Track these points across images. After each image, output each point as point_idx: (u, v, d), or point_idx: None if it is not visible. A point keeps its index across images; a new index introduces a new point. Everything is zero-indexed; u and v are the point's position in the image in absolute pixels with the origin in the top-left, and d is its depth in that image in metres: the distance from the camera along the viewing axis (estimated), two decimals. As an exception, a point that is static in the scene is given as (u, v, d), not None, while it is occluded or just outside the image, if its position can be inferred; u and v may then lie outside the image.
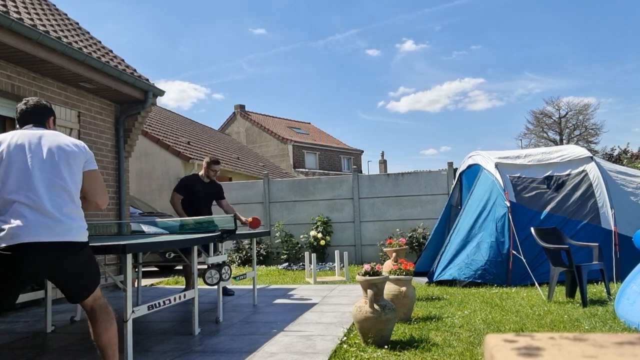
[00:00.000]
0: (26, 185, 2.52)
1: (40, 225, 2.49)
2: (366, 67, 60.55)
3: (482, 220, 6.67)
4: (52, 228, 2.52)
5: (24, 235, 2.44)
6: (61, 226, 2.55)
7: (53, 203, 2.56)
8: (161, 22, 76.13)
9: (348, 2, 62.19)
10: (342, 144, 33.68)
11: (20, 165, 2.55)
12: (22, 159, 2.57)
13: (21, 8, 5.86)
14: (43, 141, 2.67)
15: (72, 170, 2.68)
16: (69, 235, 2.59)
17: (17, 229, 2.44)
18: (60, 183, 2.61)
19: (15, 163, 2.55)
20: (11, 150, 2.57)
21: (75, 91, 6.80)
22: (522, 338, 0.50)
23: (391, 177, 10.30)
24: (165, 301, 3.79)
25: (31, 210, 2.49)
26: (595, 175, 6.78)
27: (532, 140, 35.99)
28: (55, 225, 2.53)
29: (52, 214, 2.54)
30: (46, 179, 2.58)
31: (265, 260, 10.43)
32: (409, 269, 4.56)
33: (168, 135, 14.21)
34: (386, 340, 3.69)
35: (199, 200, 6.25)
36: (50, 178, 2.59)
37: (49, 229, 2.51)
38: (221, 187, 6.59)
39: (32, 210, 2.50)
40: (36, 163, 2.58)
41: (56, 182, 2.60)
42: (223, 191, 6.60)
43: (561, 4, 51.82)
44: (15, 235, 2.43)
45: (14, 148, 2.58)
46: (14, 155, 2.56)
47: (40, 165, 2.59)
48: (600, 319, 4.36)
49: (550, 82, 48.89)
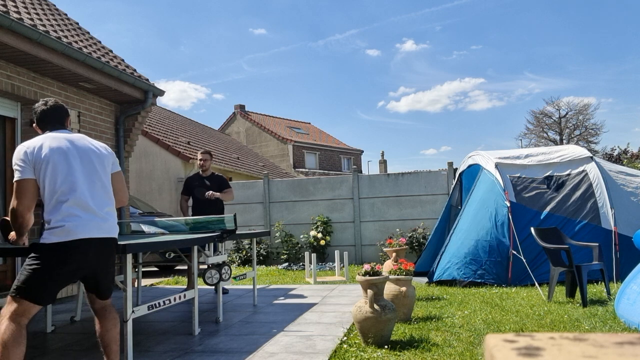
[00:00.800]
0: (73, 187, 2.70)
1: (91, 222, 2.70)
2: (366, 67, 60.58)
3: (482, 220, 6.67)
4: (100, 225, 2.75)
5: (79, 232, 2.65)
6: (106, 224, 2.80)
7: (97, 202, 2.78)
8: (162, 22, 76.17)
9: (348, 2, 62.22)
10: (342, 144, 33.69)
11: (65, 168, 2.71)
12: (65, 161, 2.73)
13: (21, 8, 5.87)
14: (77, 144, 2.84)
15: (106, 172, 2.91)
16: (112, 232, 2.86)
17: (71, 227, 2.63)
18: (99, 184, 2.83)
19: (60, 166, 2.70)
20: (53, 154, 2.71)
21: (75, 91, 6.80)
22: (522, 338, 0.50)
23: (391, 177, 10.30)
24: (165, 301, 3.79)
25: (81, 209, 2.69)
26: (595, 175, 6.79)
27: (532, 140, 36.01)
28: (102, 223, 2.77)
29: (98, 213, 2.76)
30: (88, 180, 2.78)
31: (265, 260, 10.43)
32: (409, 269, 4.56)
33: (168, 135, 14.21)
34: (386, 340, 3.69)
35: (197, 196, 6.38)
36: (91, 179, 2.79)
37: (98, 226, 2.74)
38: (222, 179, 6.55)
39: (81, 209, 2.70)
40: (77, 166, 2.76)
41: (96, 182, 2.82)
42: (225, 182, 6.54)
43: (561, 4, 51.85)
44: (71, 232, 2.63)
45: (55, 152, 2.72)
46: (56, 159, 2.71)
47: (81, 168, 2.78)
48: (600, 319, 4.36)
49: (550, 82, 48.92)
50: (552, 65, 50.79)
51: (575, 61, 50.47)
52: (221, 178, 6.57)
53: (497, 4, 54.40)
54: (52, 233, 2.62)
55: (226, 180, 6.62)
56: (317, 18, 64.61)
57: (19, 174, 2.65)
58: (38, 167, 2.67)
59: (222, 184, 6.50)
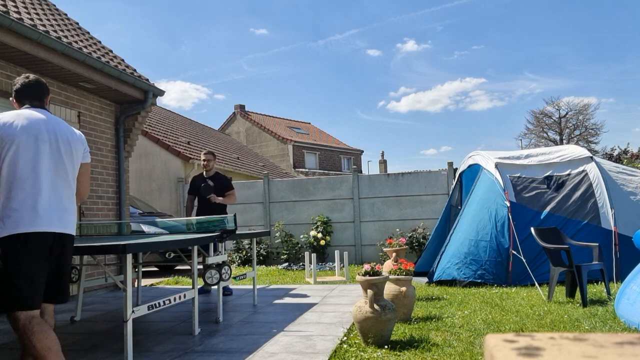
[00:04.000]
0: (34, 173, 2.49)
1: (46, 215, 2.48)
2: (366, 67, 60.57)
3: (482, 220, 6.67)
4: (57, 219, 2.53)
5: (31, 224, 2.43)
6: (65, 217, 2.58)
7: (57, 194, 2.55)
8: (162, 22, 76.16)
9: (348, 2, 62.21)
10: (342, 144, 33.69)
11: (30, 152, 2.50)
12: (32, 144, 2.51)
13: (21, 8, 5.86)
14: (50, 128, 2.62)
15: (74, 162, 2.70)
16: (69, 227, 2.62)
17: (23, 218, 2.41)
18: (63, 174, 2.61)
19: (26, 148, 2.49)
20: (22, 134, 2.49)
21: (75, 91, 6.80)
22: (522, 338, 0.50)
23: (391, 177, 10.30)
24: (165, 301, 3.79)
25: (37, 199, 2.47)
26: (595, 175, 6.79)
27: (532, 140, 36.01)
28: (59, 217, 2.54)
29: (56, 205, 2.54)
30: (52, 168, 2.56)
31: (265, 260, 10.43)
32: (409, 269, 4.56)
33: (168, 135, 14.21)
34: (386, 340, 3.69)
35: (201, 197, 6.47)
36: (56, 168, 2.58)
37: (54, 220, 2.51)
38: (225, 180, 6.61)
39: (38, 199, 2.47)
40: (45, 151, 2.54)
41: (60, 173, 2.60)
42: (228, 184, 6.60)
43: (561, 4, 51.85)
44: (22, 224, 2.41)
45: (24, 131, 2.50)
46: (24, 139, 2.49)
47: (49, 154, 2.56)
48: (600, 319, 4.36)
49: (550, 82, 48.92)
50: (552, 65, 50.82)
51: (575, 61, 50.49)
52: (224, 179, 6.62)
53: (497, 4, 54.41)
54: (3, 225, 2.40)
55: (229, 181, 6.67)
56: (317, 18, 64.63)
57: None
58: (2, 145, 2.45)
59: (225, 185, 6.55)
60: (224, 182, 6.57)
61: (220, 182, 6.53)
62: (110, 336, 4.33)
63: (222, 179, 6.59)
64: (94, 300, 6.28)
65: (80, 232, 5.84)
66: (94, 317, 5.23)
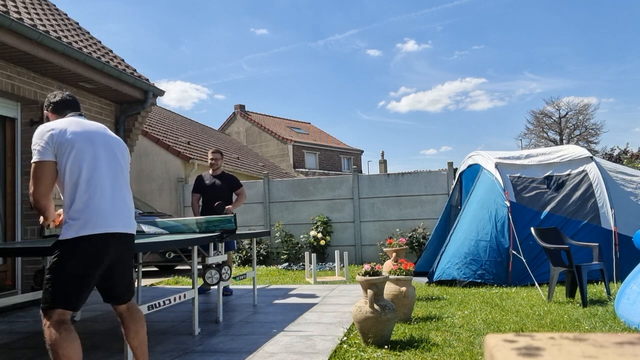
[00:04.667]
0: (97, 176, 2.53)
1: (113, 216, 2.54)
2: (366, 67, 60.57)
3: (482, 220, 6.67)
4: (122, 218, 2.59)
5: (100, 226, 2.47)
6: (127, 217, 2.64)
7: (119, 195, 2.62)
8: (162, 22, 76.15)
9: (348, 2, 62.21)
10: (342, 144, 33.68)
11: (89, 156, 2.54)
12: (90, 148, 2.56)
13: (21, 8, 5.86)
14: (101, 132, 2.69)
15: (126, 164, 2.79)
16: (132, 226, 2.70)
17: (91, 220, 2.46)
18: (121, 175, 2.69)
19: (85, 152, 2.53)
20: (79, 139, 2.53)
21: (75, 91, 6.80)
22: (522, 338, 0.50)
23: (391, 177, 10.30)
24: (165, 301, 3.79)
25: (103, 201, 2.52)
26: (595, 175, 6.79)
27: (532, 140, 36.01)
28: (124, 218, 2.61)
29: (120, 206, 2.60)
30: (111, 170, 2.62)
31: (265, 260, 10.43)
32: (409, 269, 4.56)
33: (168, 135, 14.21)
34: (386, 340, 3.69)
35: (207, 196, 6.43)
36: (114, 170, 2.64)
37: (120, 219, 2.58)
38: (233, 178, 6.57)
39: (104, 201, 2.52)
40: (102, 155, 2.60)
41: (119, 174, 2.67)
42: (236, 182, 6.54)
43: (561, 4, 51.85)
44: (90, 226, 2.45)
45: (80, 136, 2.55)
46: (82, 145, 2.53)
47: (105, 157, 2.62)
48: (600, 319, 4.36)
49: (550, 82, 48.93)
50: (552, 65, 50.83)
51: (575, 61, 50.50)
52: (232, 178, 6.56)
53: (497, 4, 54.42)
54: (69, 227, 2.44)
55: (237, 180, 6.60)
56: (317, 18, 64.63)
57: (38, 155, 2.43)
58: (62, 150, 2.46)
59: (234, 185, 6.51)
60: (232, 181, 6.51)
61: (228, 182, 6.47)
62: (110, 336, 4.33)
63: (230, 178, 6.53)
64: (94, 300, 6.27)
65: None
66: (94, 317, 5.23)
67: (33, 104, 6.15)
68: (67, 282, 2.44)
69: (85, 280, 2.48)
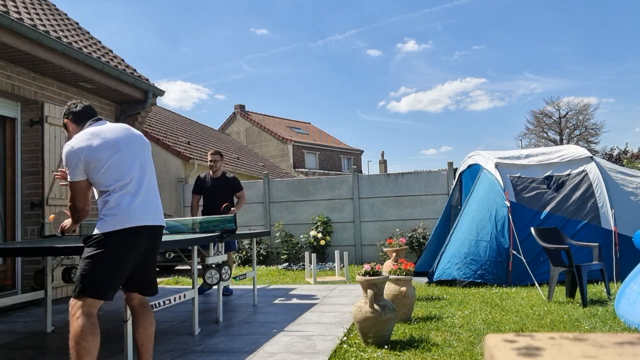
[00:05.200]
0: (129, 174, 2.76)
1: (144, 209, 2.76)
2: (366, 67, 60.57)
3: (482, 220, 6.67)
4: (153, 212, 2.82)
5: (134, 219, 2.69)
6: (156, 210, 2.87)
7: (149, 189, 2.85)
8: (163, 22, 76.14)
9: (348, 2, 62.21)
10: (342, 144, 33.68)
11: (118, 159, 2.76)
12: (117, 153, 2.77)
13: (21, 8, 5.86)
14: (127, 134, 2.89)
15: (151, 159, 3.00)
16: (161, 219, 2.92)
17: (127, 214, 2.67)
18: (150, 171, 2.92)
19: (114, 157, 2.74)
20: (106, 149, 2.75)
21: (75, 91, 6.80)
22: (522, 338, 0.50)
23: (391, 177, 10.30)
24: (165, 301, 3.79)
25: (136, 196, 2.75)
26: (595, 175, 6.78)
27: (532, 140, 36.00)
28: (155, 210, 2.85)
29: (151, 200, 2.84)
30: (140, 168, 2.84)
31: (265, 260, 10.43)
32: (409, 269, 4.56)
33: (168, 135, 14.21)
34: (386, 340, 3.69)
35: (207, 197, 6.42)
36: (143, 167, 2.86)
37: (151, 213, 2.80)
38: (234, 180, 6.51)
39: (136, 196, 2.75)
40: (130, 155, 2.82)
41: (147, 170, 2.90)
42: (236, 184, 6.49)
43: (561, 4, 51.85)
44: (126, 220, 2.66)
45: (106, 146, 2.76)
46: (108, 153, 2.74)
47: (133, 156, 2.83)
48: (600, 319, 4.36)
49: (550, 82, 48.92)
50: (552, 65, 50.83)
51: (575, 61, 50.50)
52: (233, 180, 6.49)
53: (497, 4, 54.42)
54: (105, 223, 2.65)
55: (237, 181, 6.54)
56: (317, 18, 64.64)
57: (72, 176, 2.72)
58: (91, 167, 2.70)
59: (234, 186, 6.46)
60: (232, 183, 6.46)
61: (228, 184, 6.42)
62: (110, 336, 4.33)
63: (231, 180, 6.47)
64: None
65: (80, 232, 5.84)
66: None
67: (33, 104, 6.15)
68: (100, 272, 2.62)
69: (116, 271, 2.67)
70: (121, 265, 2.68)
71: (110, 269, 2.64)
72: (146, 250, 2.82)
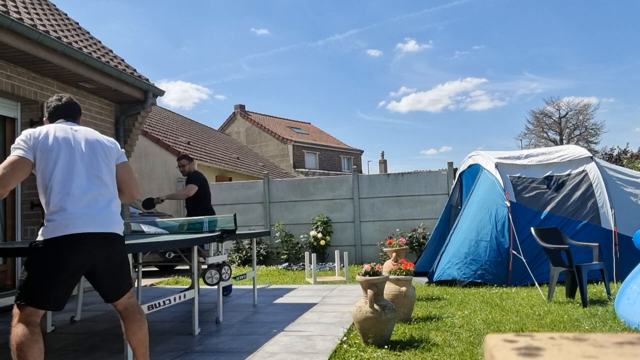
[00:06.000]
0: (69, 179, 2.59)
1: (85, 217, 2.55)
2: (366, 67, 60.57)
3: (482, 220, 6.67)
4: (96, 219, 2.59)
5: (72, 226, 2.50)
6: (103, 217, 2.63)
7: (94, 196, 2.64)
8: (164, 22, 76.16)
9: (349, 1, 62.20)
10: (342, 144, 33.68)
11: (65, 159, 2.61)
12: (67, 152, 2.63)
13: (21, 8, 5.86)
14: (81, 135, 2.75)
15: (109, 166, 2.79)
16: (112, 226, 2.68)
17: (63, 221, 2.50)
18: (99, 175, 2.70)
19: (61, 156, 2.60)
20: (57, 144, 2.61)
21: (75, 91, 6.80)
22: (522, 338, 0.50)
23: (391, 177, 10.30)
24: (165, 301, 3.79)
25: (76, 203, 2.55)
26: (595, 175, 6.78)
27: (532, 140, 36.02)
28: (99, 216, 2.61)
29: (95, 206, 2.62)
30: (87, 173, 2.66)
31: (265, 260, 10.43)
32: (409, 269, 4.56)
33: (168, 135, 14.22)
34: (386, 340, 3.69)
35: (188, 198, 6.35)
36: (90, 171, 2.67)
37: (94, 220, 2.58)
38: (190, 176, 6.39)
39: (76, 203, 2.55)
40: (78, 158, 2.66)
41: (96, 174, 2.69)
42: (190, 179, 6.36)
43: (561, 4, 51.85)
44: (63, 227, 2.49)
45: (58, 141, 2.63)
46: (58, 148, 2.61)
47: (82, 160, 2.67)
48: (600, 319, 4.36)
49: (550, 82, 48.94)
50: (552, 65, 50.84)
51: (575, 61, 50.52)
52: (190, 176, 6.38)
53: (497, 4, 54.43)
54: (46, 229, 2.50)
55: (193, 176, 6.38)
56: (317, 18, 64.65)
57: (19, 152, 2.53)
58: (39, 154, 2.56)
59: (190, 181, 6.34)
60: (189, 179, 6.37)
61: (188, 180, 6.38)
62: (110, 336, 4.33)
63: (190, 177, 6.38)
64: (94, 300, 6.27)
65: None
66: (94, 317, 5.23)
67: (33, 104, 6.15)
68: (35, 281, 2.48)
69: (52, 281, 2.50)
70: (56, 275, 2.49)
71: (44, 279, 2.48)
72: (102, 259, 2.63)
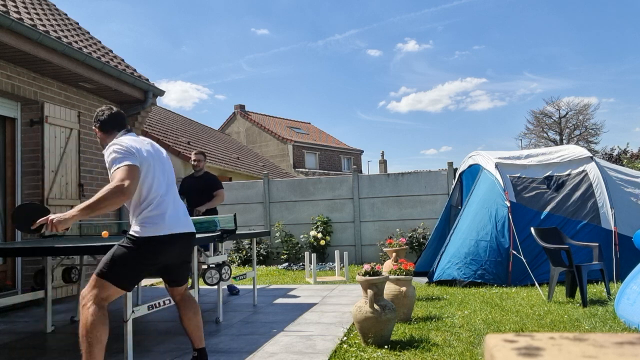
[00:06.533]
0: (163, 187, 2.97)
1: (177, 219, 2.96)
2: (366, 67, 60.56)
3: (482, 221, 6.67)
4: (182, 220, 3.02)
5: (170, 227, 2.89)
6: (186, 219, 3.08)
7: (177, 201, 3.07)
8: (164, 22, 76.13)
9: (349, 1, 62.20)
10: (342, 144, 33.68)
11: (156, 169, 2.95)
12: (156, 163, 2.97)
13: (21, 8, 5.86)
14: (155, 146, 3.11)
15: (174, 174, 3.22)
16: (192, 226, 3.15)
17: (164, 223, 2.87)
18: (174, 185, 3.13)
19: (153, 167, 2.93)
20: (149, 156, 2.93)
21: (75, 91, 6.81)
22: (522, 338, 0.50)
23: (391, 177, 10.30)
24: (165, 301, 3.79)
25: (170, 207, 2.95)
26: (595, 175, 6.78)
27: (532, 140, 36.01)
28: (183, 218, 3.05)
29: (180, 210, 3.05)
30: (168, 181, 3.05)
31: (265, 260, 10.43)
32: (409, 269, 4.56)
33: (168, 135, 14.21)
34: (386, 340, 3.69)
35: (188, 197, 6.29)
36: (170, 180, 3.07)
37: (180, 221, 3.00)
38: (213, 179, 6.45)
39: (170, 207, 2.95)
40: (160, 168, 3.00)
41: (174, 184, 3.13)
42: (215, 183, 6.42)
43: (561, 4, 51.85)
44: (163, 227, 2.86)
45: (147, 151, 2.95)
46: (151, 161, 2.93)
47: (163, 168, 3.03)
48: (600, 319, 4.36)
49: (550, 82, 48.93)
50: (552, 65, 50.83)
51: (575, 61, 50.50)
52: (212, 179, 6.46)
53: (497, 4, 54.42)
54: (145, 228, 2.82)
55: (217, 180, 6.48)
56: (318, 18, 64.64)
57: (132, 160, 2.77)
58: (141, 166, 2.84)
59: (213, 185, 6.39)
60: (212, 181, 6.42)
61: (208, 182, 6.39)
62: (111, 336, 4.32)
63: (211, 179, 6.44)
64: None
65: (81, 232, 5.84)
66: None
67: (33, 104, 6.15)
68: (128, 269, 2.82)
69: (142, 270, 2.91)
70: (151, 266, 2.90)
71: (139, 269, 2.87)
72: (180, 255, 3.07)
